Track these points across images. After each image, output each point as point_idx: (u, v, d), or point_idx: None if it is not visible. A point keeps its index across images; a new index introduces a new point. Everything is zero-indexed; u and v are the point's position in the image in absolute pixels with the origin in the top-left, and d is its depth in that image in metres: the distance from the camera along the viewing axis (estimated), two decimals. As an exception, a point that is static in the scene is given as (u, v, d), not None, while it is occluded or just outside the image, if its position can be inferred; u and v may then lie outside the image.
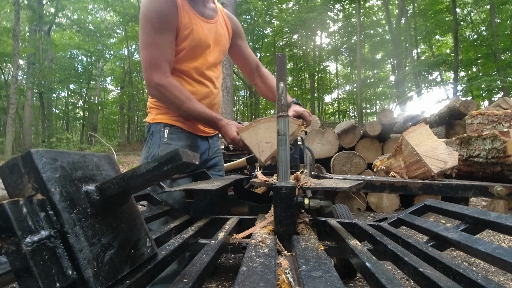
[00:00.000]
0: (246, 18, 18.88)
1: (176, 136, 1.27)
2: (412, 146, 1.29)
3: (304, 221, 0.85)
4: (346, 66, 23.78)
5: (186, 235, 0.75)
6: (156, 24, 1.13)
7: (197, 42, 1.25)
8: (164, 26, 1.14)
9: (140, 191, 1.02)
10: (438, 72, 14.73)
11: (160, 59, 1.15)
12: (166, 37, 1.16)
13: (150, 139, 1.29)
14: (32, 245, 0.33)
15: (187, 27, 1.21)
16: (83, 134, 21.84)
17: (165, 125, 1.27)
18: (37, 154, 0.39)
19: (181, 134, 1.29)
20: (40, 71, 14.84)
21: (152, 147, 1.28)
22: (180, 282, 0.46)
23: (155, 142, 1.27)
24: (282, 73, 0.78)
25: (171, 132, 1.26)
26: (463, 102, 4.08)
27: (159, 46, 1.15)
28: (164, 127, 1.27)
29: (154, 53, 1.15)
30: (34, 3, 14.31)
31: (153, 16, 1.13)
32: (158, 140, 1.26)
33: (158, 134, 1.27)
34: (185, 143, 1.28)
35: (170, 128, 1.27)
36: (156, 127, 1.29)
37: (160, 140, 1.25)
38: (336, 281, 0.40)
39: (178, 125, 1.28)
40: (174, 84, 1.17)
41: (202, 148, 1.37)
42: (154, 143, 1.27)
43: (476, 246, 0.58)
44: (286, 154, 0.76)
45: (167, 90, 1.16)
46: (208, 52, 1.31)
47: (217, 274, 2.05)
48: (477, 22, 15.55)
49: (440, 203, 0.93)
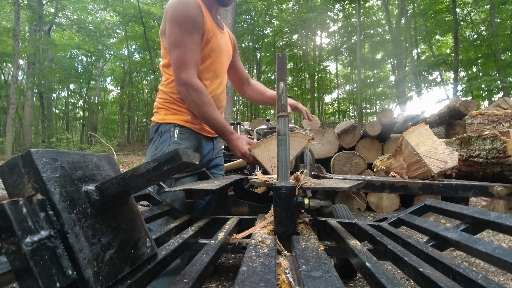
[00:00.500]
0: (246, 18, 18.89)
1: (185, 136, 1.32)
2: (412, 146, 1.29)
3: (304, 221, 0.85)
4: (346, 66, 23.78)
5: (186, 235, 0.75)
6: (185, 26, 1.21)
7: (216, 47, 1.35)
8: (192, 29, 1.22)
9: (140, 191, 1.02)
10: (438, 72, 14.74)
11: (188, 59, 1.22)
12: (194, 39, 1.24)
13: (159, 138, 1.33)
14: (32, 245, 0.33)
15: (210, 32, 1.30)
16: (83, 134, 21.85)
17: (175, 126, 1.32)
18: (37, 154, 0.39)
19: (190, 134, 1.34)
20: (40, 71, 14.84)
21: (161, 145, 1.32)
22: (180, 282, 0.46)
23: (165, 141, 1.31)
24: (282, 73, 0.78)
25: (181, 132, 1.31)
26: (463, 102, 4.08)
27: (188, 47, 1.22)
28: (174, 127, 1.32)
29: (183, 53, 1.22)
30: (34, 3, 14.31)
31: (183, 19, 1.21)
32: (168, 139, 1.30)
33: (168, 134, 1.31)
34: (193, 143, 1.34)
35: (180, 129, 1.32)
36: (166, 127, 1.33)
37: (170, 139, 1.30)
38: (336, 281, 0.40)
39: (187, 126, 1.34)
40: (200, 86, 1.24)
41: (207, 149, 1.43)
42: (164, 142, 1.31)
43: (476, 246, 0.58)
44: (286, 154, 0.76)
45: (193, 90, 1.23)
46: (222, 57, 1.41)
47: (217, 274, 2.05)
48: (477, 22, 15.54)
49: (440, 203, 0.93)
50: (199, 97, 1.24)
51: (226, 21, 7.77)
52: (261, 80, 21.12)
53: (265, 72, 22.05)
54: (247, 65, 22.46)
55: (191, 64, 1.23)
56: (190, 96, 1.24)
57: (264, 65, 21.60)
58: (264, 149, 1.15)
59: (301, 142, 1.23)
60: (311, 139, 1.22)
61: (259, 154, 1.15)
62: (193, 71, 1.24)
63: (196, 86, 1.23)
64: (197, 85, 1.23)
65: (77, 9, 18.14)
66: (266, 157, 1.14)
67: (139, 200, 1.10)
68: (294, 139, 1.22)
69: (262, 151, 1.15)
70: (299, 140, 1.23)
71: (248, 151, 1.25)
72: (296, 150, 1.21)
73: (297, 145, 1.22)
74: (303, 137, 1.21)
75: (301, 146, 1.21)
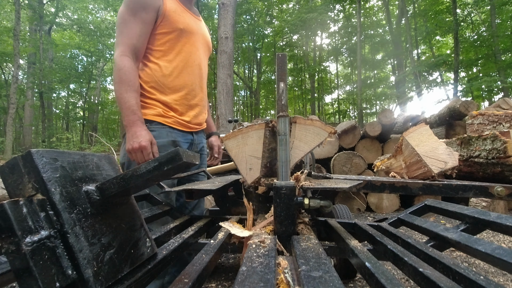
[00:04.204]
0: (246, 18, 18.89)
1: (156, 133, 1.20)
2: (412, 147, 1.29)
3: (304, 221, 0.85)
4: (347, 67, 23.78)
5: (186, 235, 0.75)
6: (132, 6, 1.15)
7: (186, 26, 1.26)
8: (139, 8, 1.15)
9: (140, 191, 1.02)
10: (438, 72, 14.73)
11: (123, 38, 1.14)
12: (138, 18, 1.16)
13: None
14: (32, 245, 0.33)
15: (175, 11, 1.23)
16: (83, 134, 21.83)
17: (145, 122, 1.20)
18: (37, 154, 0.39)
19: (162, 130, 1.22)
20: (41, 71, 14.85)
21: None
22: (180, 282, 0.46)
23: None
24: (282, 73, 0.78)
25: (151, 129, 1.20)
26: (463, 102, 4.08)
27: (128, 26, 1.15)
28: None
29: (121, 33, 1.15)
30: (34, 3, 14.32)
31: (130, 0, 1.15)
32: None
33: None
34: (165, 140, 1.22)
35: (150, 125, 1.20)
36: None
37: None
38: (336, 281, 0.40)
39: (158, 120, 1.22)
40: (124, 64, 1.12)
41: (185, 145, 1.31)
42: None
43: (476, 247, 0.58)
44: (286, 154, 0.76)
45: (117, 68, 1.12)
46: (195, 40, 1.31)
47: (217, 274, 2.05)
48: (477, 23, 15.54)
49: (440, 203, 0.93)
50: (118, 74, 1.11)
51: (226, 21, 7.77)
52: (261, 80, 21.14)
53: (265, 72, 22.05)
54: (248, 65, 22.47)
55: (124, 42, 1.14)
56: (114, 75, 1.13)
57: (264, 65, 21.60)
58: (241, 142, 0.88)
59: (319, 135, 0.90)
60: (333, 132, 0.90)
61: (232, 148, 0.88)
62: (123, 48, 1.13)
63: (121, 64, 1.12)
64: (122, 62, 1.12)
65: (77, 9, 18.15)
66: (241, 154, 0.88)
67: (139, 200, 1.10)
68: (309, 129, 0.90)
69: (237, 145, 0.88)
70: (316, 131, 0.90)
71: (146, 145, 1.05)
72: (310, 145, 0.90)
73: (312, 137, 0.90)
74: (322, 128, 0.90)
75: (317, 140, 0.90)
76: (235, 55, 18.30)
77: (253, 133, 0.85)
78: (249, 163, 0.87)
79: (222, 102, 7.58)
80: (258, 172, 0.87)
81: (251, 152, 0.86)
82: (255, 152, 0.87)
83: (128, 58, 1.14)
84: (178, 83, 1.27)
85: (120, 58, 1.13)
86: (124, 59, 1.13)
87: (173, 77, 1.26)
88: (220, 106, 7.62)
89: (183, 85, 1.28)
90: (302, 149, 0.89)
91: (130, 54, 1.15)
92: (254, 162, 0.87)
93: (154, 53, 1.25)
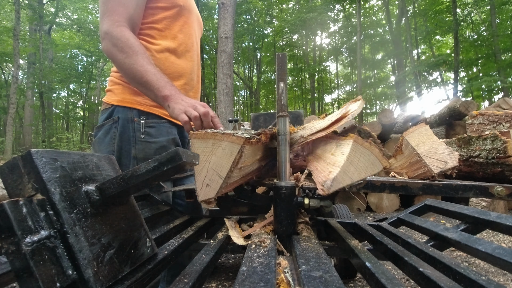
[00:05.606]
0: (246, 18, 18.89)
1: (156, 130, 0.99)
2: (412, 146, 1.29)
3: (304, 221, 0.85)
4: (347, 66, 23.78)
5: (186, 235, 0.75)
6: None
7: (185, 3, 1.06)
8: None
9: (140, 191, 1.02)
10: (438, 72, 14.73)
11: (115, 5, 0.90)
12: None
13: (115, 128, 0.97)
14: (32, 245, 0.33)
15: None
16: (83, 134, 21.83)
17: (140, 114, 0.98)
18: (37, 154, 0.39)
19: (161, 126, 1.01)
20: (41, 71, 14.85)
21: (123, 143, 0.97)
22: (180, 282, 0.46)
23: (126, 135, 0.97)
24: (282, 73, 0.78)
25: (150, 124, 0.98)
26: (463, 102, 4.08)
27: None
28: (138, 117, 0.98)
29: (110, 2, 0.91)
30: (34, 3, 14.32)
31: None
32: (132, 134, 0.97)
33: (130, 126, 0.97)
34: (166, 138, 1.02)
35: (147, 119, 0.98)
36: (124, 113, 0.98)
37: (135, 134, 0.97)
38: (336, 281, 0.40)
39: (155, 113, 1.00)
40: (124, 34, 0.88)
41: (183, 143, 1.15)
42: (126, 137, 0.97)
43: (476, 246, 0.58)
44: (286, 154, 0.76)
45: (114, 38, 0.86)
46: (192, 21, 1.12)
47: (217, 274, 2.05)
48: (477, 23, 15.54)
49: (440, 203, 0.93)
50: (127, 44, 0.85)
51: (226, 21, 7.77)
52: (261, 80, 21.15)
53: (265, 72, 22.05)
54: (247, 65, 22.48)
55: (118, 10, 0.89)
56: (111, 50, 0.87)
57: (264, 65, 21.60)
58: (209, 150, 0.66)
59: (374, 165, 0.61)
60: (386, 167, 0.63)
61: (197, 151, 0.66)
62: (117, 18, 0.89)
63: (120, 34, 0.86)
64: (122, 32, 0.87)
65: (77, 9, 18.17)
66: (204, 163, 0.67)
67: (139, 200, 1.10)
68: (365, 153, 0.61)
69: (204, 150, 0.66)
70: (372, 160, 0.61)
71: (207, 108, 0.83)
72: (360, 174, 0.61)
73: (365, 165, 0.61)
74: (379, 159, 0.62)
75: (370, 171, 0.62)
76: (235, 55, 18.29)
77: (227, 145, 0.65)
78: (208, 177, 0.68)
79: (222, 102, 7.58)
80: (214, 192, 0.69)
81: (215, 166, 0.66)
82: (220, 168, 0.67)
83: (127, 28, 0.90)
84: (176, 69, 1.05)
85: (119, 29, 0.87)
86: (123, 30, 0.88)
87: (170, 62, 1.03)
88: (220, 106, 7.63)
89: (181, 72, 1.07)
90: (351, 175, 0.60)
91: (127, 26, 0.91)
92: (215, 179, 0.68)
93: (147, 31, 1.02)
